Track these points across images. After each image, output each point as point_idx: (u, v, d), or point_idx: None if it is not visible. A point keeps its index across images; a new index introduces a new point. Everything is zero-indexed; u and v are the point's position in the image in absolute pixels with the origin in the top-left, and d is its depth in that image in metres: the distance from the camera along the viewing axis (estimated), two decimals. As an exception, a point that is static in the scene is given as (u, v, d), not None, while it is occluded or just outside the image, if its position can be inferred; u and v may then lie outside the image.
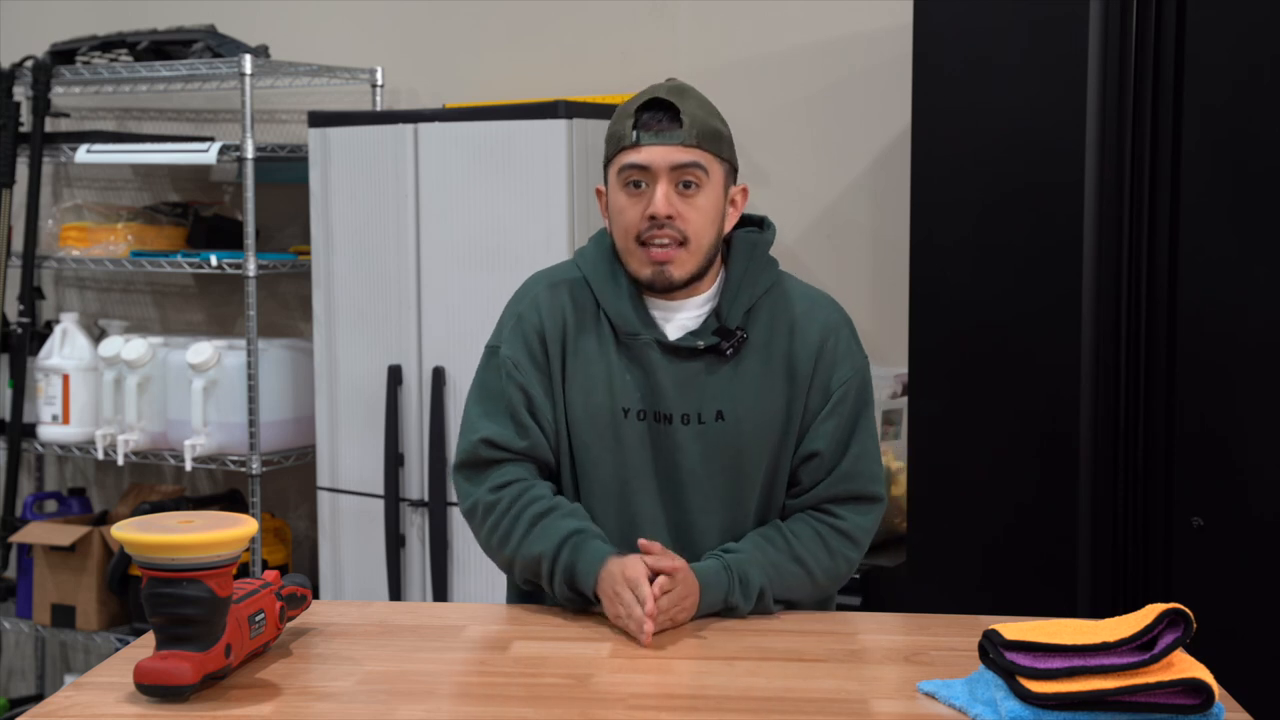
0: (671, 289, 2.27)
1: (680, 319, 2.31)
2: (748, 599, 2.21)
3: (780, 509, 2.34)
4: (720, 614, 2.22)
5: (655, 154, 2.22)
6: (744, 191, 2.35)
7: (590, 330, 2.31)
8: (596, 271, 2.33)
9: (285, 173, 4.11)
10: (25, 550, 4.35)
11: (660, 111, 2.24)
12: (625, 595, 2.10)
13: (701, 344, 2.27)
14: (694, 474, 2.28)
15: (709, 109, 2.29)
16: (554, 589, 2.21)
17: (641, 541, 2.19)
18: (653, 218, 2.22)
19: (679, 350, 2.28)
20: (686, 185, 2.23)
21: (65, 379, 4.20)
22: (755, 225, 2.40)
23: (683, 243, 2.24)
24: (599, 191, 2.36)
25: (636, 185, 2.24)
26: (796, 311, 2.33)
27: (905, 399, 3.40)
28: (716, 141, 2.26)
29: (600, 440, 2.29)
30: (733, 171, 2.32)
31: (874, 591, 3.27)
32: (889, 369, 3.58)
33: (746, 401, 2.28)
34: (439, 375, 3.64)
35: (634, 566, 2.12)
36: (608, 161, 2.30)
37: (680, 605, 2.14)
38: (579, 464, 2.31)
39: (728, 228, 2.32)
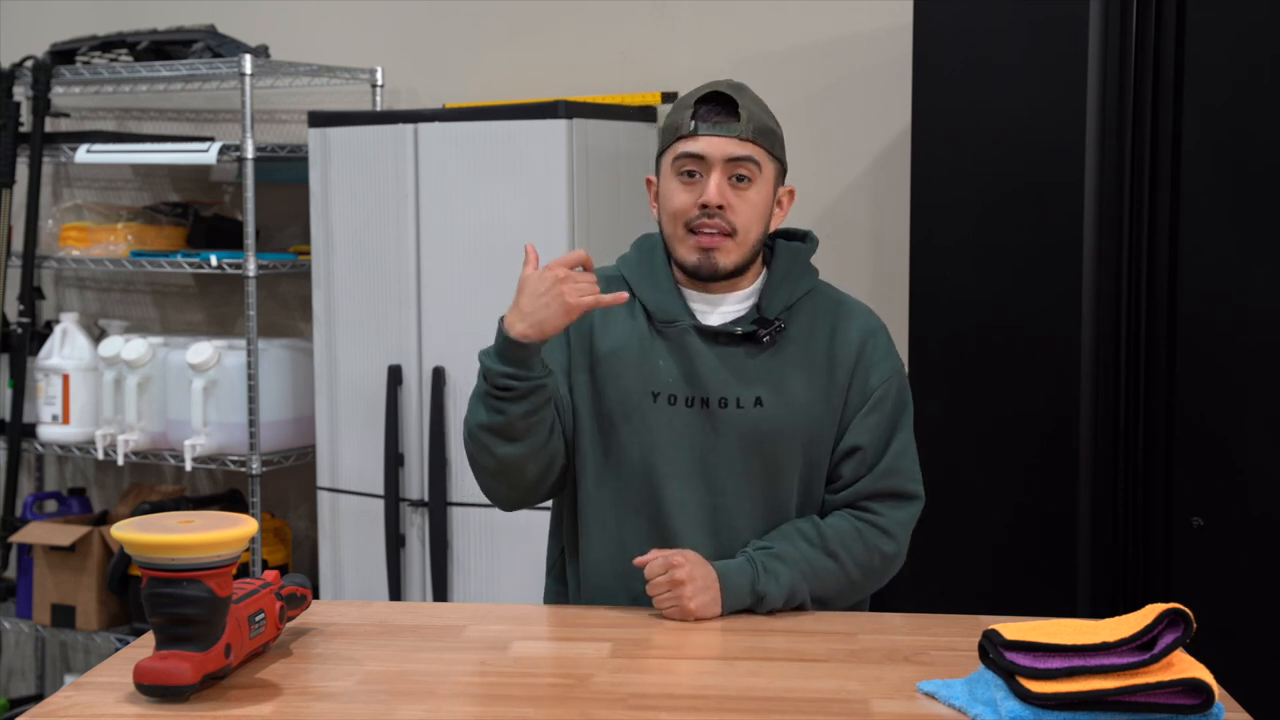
0: (715, 277, 2.31)
1: (719, 312, 2.34)
2: (779, 587, 2.22)
3: (820, 505, 2.36)
4: (753, 608, 2.22)
5: (712, 144, 2.27)
6: (791, 194, 2.40)
7: (621, 319, 2.34)
8: (635, 269, 2.39)
9: (285, 173, 4.11)
10: (25, 550, 4.35)
11: (719, 104, 2.30)
12: (524, 276, 2.21)
13: (740, 330, 2.30)
14: (729, 458, 2.30)
15: (764, 107, 2.34)
16: (496, 385, 2.21)
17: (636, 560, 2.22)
18: (704, 206, 2.26)
19: (717, 335, 2.31)
20: (739, 179, 2.28)
21: (65, 379, 4.20)
22: (799, 239, 2.45)
23: (730, 234, 2.28)
24: (649, 181, 2.40)
25: (691, 175, 2.29)
26: (837, 313, 2.38)
27: (906, 399, 3.40)
28: (770, 138, 2.31)
29: (628, 423, 2.30)
30: (782, 171, 2.37)
31: (874, 591, 3.27)
32: (889, 369, 3.58)
33: (786, 390, 2.31)
34: (439, 375, 3.64)
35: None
36: (662, 151, 2.34)
37: (695, 585, 2.16)
38: (608, 450, 2.32)
39: (773, 226, 2.37)
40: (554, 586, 2.48)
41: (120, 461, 4.06)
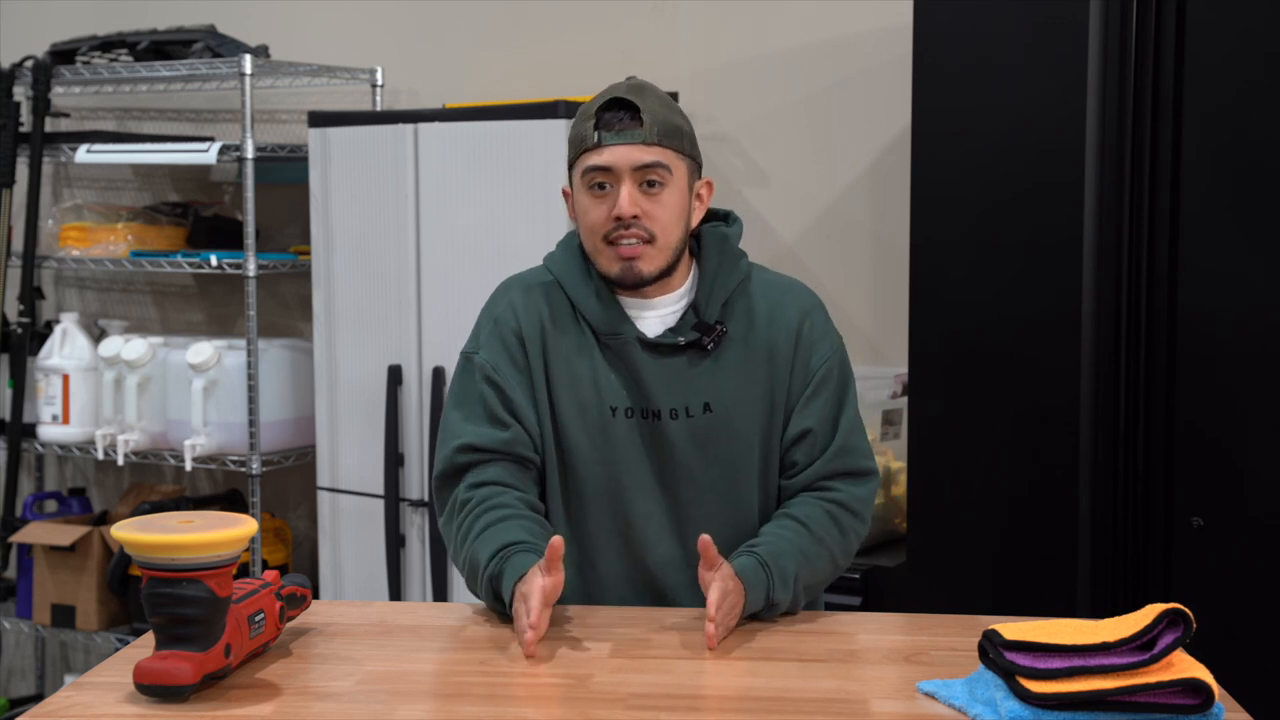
0: (641, 284, 2.28)
1: (656, 316, 2.32)
2: (786, 591, 2.19)
3: (776, 492, 2.34)
4: (759, 614, 2.18)
5: (618, 154, 2.22)
6: (709, 185, 2.36)
7: (569, 331, 2.31)
8: (568, 274, 2.34)
9: (285, 173, 4.11)
10: (25, 550, 4.35)
11: (620, 111, 2.24)
12: (518, 607, 2.05)
13: (683, 340, 2.28)
14: (688, 468, 2.29)
15: (669, 105, 2.29)
16: (482, 594, 2.18)
17: (701, 540, 2.11)
18: (619, 219, 2.23)
19: (659, 347, 2.29)
20: (651, 185, 2.24)
21: (65, 379, 4.20)
22: (720, 219, 2.41)
23: (649, 240, 2.24)
24: (565, 193, 2.35)
25: (601, 187, 2.24)
26: (771, 299, 2.34)
27: (905, 399, 3.40)
28: (678, 138, 2.26)
29: (590, 440, 2.29)
30: (696, 167, 2.32)
31: (874, 591, 3.27)
32: (889, 369, 3.58)
33: (732, 391, 2.29)
34: (439, 375, 3.64)
35: (528, 582, 2.06)
36: (571, 164, 2.30)
37: (734, 613, 2.11)
38: (569, 465, 2.30)
39: (694, 222, 2.33)
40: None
41: (120, 461, 4.06)
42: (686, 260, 2.34)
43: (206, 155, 3.97)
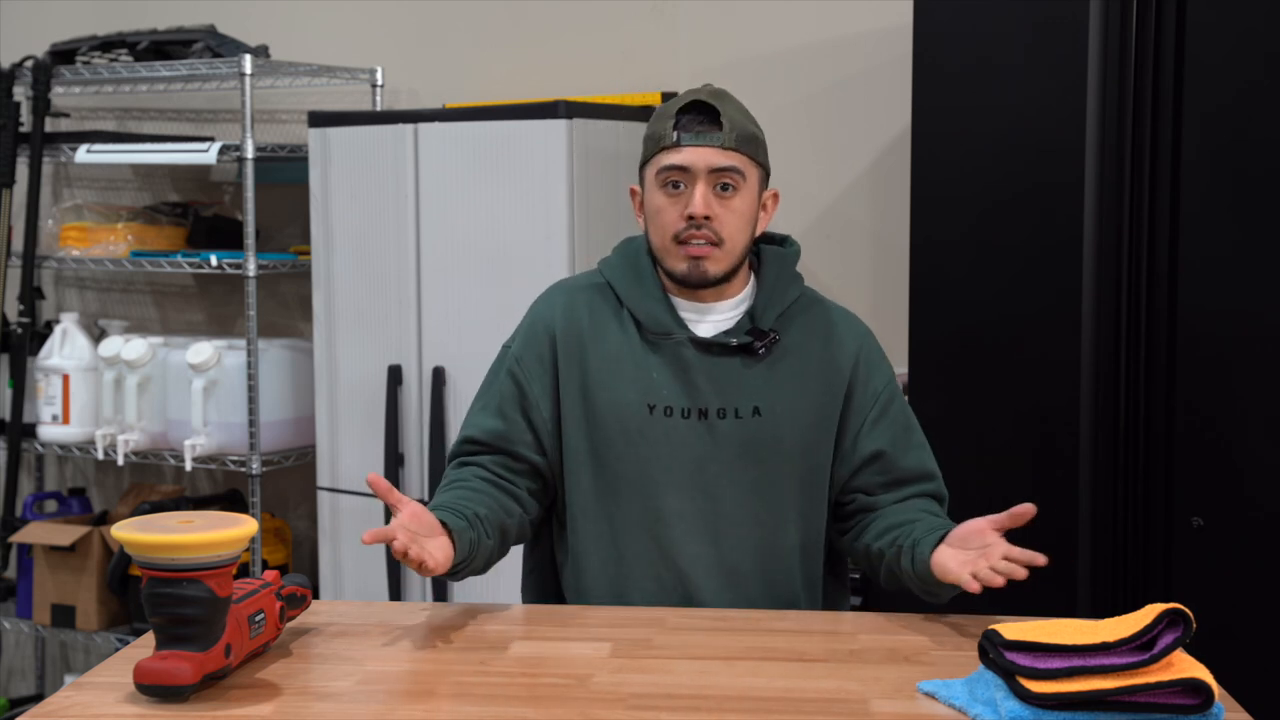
0: (705, 285, 2.30)
1: (711, 320, 2.34)
2: None
3: (823, 512, 2.36)
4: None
5: (695, 155, 2.26)
6: (775, 196, 2.39)
7: (612, 330, 2.34)
8: (621, 276, 2.37)
9: (285, 173, 4.11)
10: (25, 550, 4.35)
11: (701, 114, 2.28)
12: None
13: (735, 341, 2.30)
14: (728, 467, 2.30)
15: (747, 114, 2.33)
16: None
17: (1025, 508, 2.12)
18: (690, 218, 2.25)
19: (711, 347, 2.31)
20: (724, 188, 2.27)
21: (65, 379, 4.20)
22: (777, 243, 2.44)
23: (718, 243, 2.27)
24: (633, 191, 2.39)
25: (675, 186, 2.28)
26: (829, 320, 2.38)
27: (905, 399, 3.40)
28: (754, 145, 2.30)
29: (624, 436, 2.30)
30: (766, 176, 2.36)
31: (874, 591, 3.27)
32: (889, 369, 3.59)
33: (784, 399, 2.31)
34: (439, 375, 3.64)
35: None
36: (645, 162, 2.34)
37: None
38: (603, 460, 2.31)
39: (759, 230, 2.37)
40: (531, 589, 2.50)
41: (120, 461, 4.06)
42: (745, 270, 2.37)
43: (206, 155, 3.97)
